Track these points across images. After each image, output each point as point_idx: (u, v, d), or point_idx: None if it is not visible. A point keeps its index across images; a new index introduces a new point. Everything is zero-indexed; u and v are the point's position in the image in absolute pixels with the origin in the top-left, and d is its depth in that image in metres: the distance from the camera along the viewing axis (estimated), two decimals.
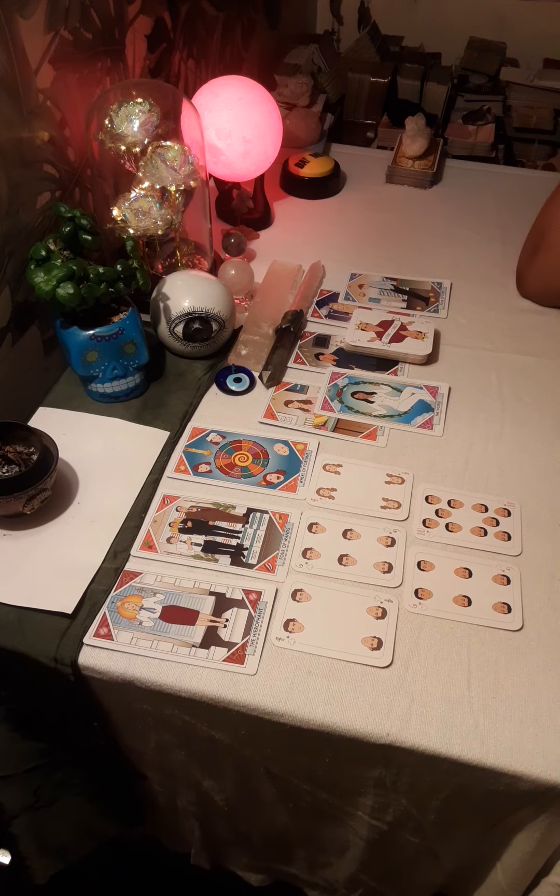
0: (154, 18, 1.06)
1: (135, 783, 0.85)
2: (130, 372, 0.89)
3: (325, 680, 0.67)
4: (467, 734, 0.64)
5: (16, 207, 0.84)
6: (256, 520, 0.79)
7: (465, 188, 1.31)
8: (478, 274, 1.13)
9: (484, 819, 0.72)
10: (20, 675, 0.71)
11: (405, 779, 0.69)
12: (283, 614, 0.72)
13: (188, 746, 0.75)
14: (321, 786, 0.75)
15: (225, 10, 1.31)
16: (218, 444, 0.87)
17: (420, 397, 0.93)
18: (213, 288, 0.92)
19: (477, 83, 1.70)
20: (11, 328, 0.89)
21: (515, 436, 0.89)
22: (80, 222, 0.83)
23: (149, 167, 0.90)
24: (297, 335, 1.00)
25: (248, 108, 1.03)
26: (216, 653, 0.69)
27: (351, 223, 1.23)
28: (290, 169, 1.27)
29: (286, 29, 1.68)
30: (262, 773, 0.75)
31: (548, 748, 0.63)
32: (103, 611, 0.71)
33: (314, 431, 0.89)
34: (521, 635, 0.71)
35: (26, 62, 0.80)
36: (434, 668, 0.68)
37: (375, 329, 1.00)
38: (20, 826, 0.84)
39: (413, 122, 1.31)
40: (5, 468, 0.77)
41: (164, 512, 0.80)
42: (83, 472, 0.83)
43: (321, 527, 0.79)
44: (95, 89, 0.94)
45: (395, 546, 0.77)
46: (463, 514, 0.80)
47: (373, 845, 0.80)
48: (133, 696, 0.70)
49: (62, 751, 0.80)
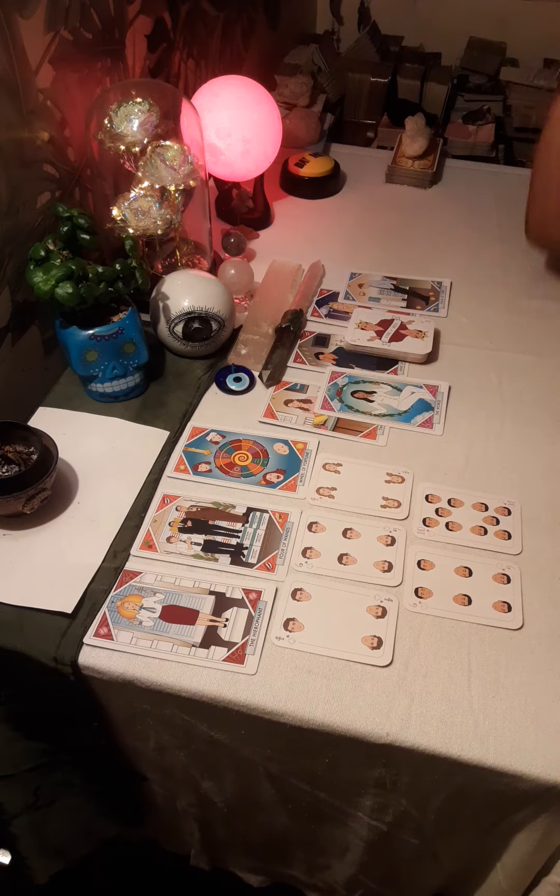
0: (154, 18, 1.06)
1: (134, 784, 0.85)
2: (130, 371, 0.89)
3: (325, 679, 0.67)
4: (467, 734, 0.64)
5: (16, 207, 0.84)
6: (256, 519, 0.79)
7: (465, 188, 1.31)
8: (478, 273, 1.13)
9: (484, 819, 0.71)
10: (20, 674, 0.71)
11: (405, 779, 0.69)
12: (283, 614, 0.72)
13: (188, 746, 0.75)
14: (321, 786, 0.74)
15: (225, 10, 1.31)
16: (218, 443, 0.87)
17: (420, 396, 0.93)
18: (212, 287, 0.92)
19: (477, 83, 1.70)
20: (11, 328, 0.89)
21: (516, 434, 0.89)
22: (78, 222, 0.83)
23: (148, 167, 0.90)
24: (296, 334, 1.00)
25: (248, 108, 1.03)
26: (216, 652, 0.68)
27: (351, 223, 1.23)
28: (289, 169, 1.27)
29: (286, 29, 1.68)
30: (261, 773, 0.75)
31: (548, 748, 0.63)
32: (103, 610, 0.71)
33: (314, 431, 0.89)
34: (521, 634, 0.71)
35: (26, 62, 0.80)
36: (434, 667, 0.68)
37: (375, 328, 0.99)
38: (20, 826, 0.83)
39: (413, 121, 1.31)
40: (5, 468, 0.77)
41: (164, 511, 0.80)
42: (83, 472, 0.83)
43: (321, 526, 0.79)
44: (95, 89, 0.94)
45: (395, 545, 0.77)
46: (463, 512, 0.80)
47: (372, 846, 0.80)
48: (133, 696, 0.70)
49: (62, 751, 0.80)
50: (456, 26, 1.74)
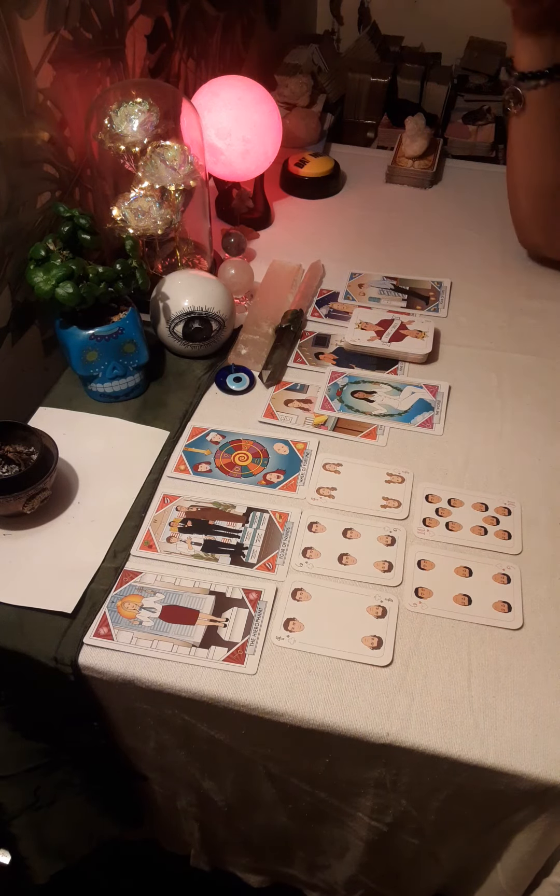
0: (154, 18, 1.06)
1: (135, 784, 0.85)
2: (130, 371, 0.89)
3: (325, 679, 0.67)
4: (467, 734, 0.64)
5: (16, 207, 0.84)
6: (256, 519, 0.79)
7: (465, 188, 1.31)
8: (478, 273, 1.13)
9: (484, 819, 0.71)
10: (20, 674, 0.71)
11: (405, 779, 0.69)
12: (283, 613, 0.72)
13: (188, 746, 0.75)
14: (321, 786, 0.74)
15: (225, 10, 1.31)
16: (218, 443, 0.87)
17: (420, 396, 0.93)
18: (212, 287, 0.92)
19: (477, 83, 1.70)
20: (11, 328, 0.89)
21: (516, 435, 0.89)
22: (79, 222, 0.83)
23: (148, 167, 0.90)
24: (296, 334, 1.00)
25: (248, 108, 1.03)
26: (216, 652, 0.68)
27: (351, 223, 1.23)
28: (289, 169, 1.27)
29: (286, 29, 1.68)
30: (261, 773, 0.75)
31: (548, 748, 0.63)
32: (103, 610, 0.71)
33: (314, 431, 0.89)
34: (521, 634, 0.71)
35: (26, 62, 0.80)
36: (434, 667, 0.68)
37: (375, 328, 0.99)
38: (20, 826, 0.83)
39: (413, 122, 1.31)
40: (5, 468, 0.77)
41: (164, 511, 0.80)
42: (83, 472, 0.83)
43: (321, 526, 0.79)
44: (95, 89, 0.94)
45: (395, 545, 0.77)
46: (463, 512, 0.80)
47: (372, 846, 0.80)
48: (133, 696, 0.70)
49: (62, 751, 0.80)
50: (456, 26, 1.74)
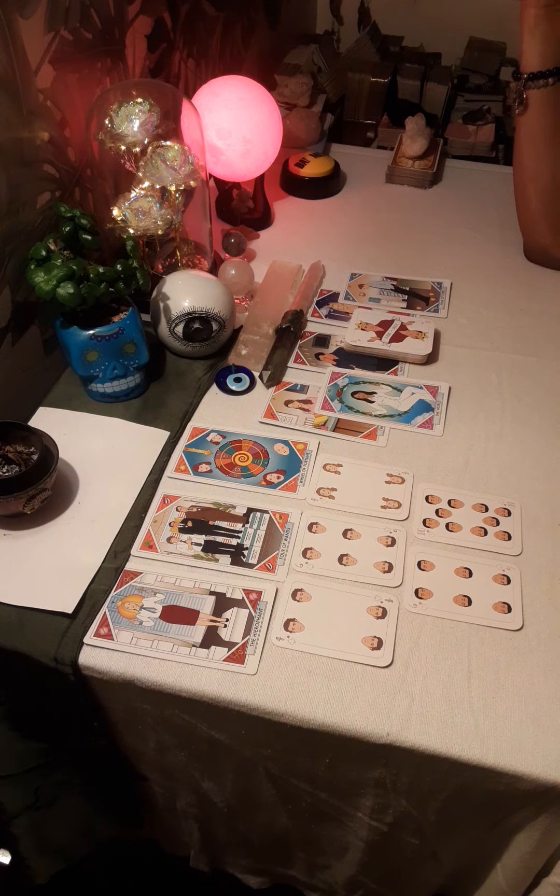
0: (154, 18, 1.06)
1: (135, 784, 0.85)
2: (130, 372, 0.89)
3: (325, 680, 0.67)
4: (467, 734, 0.64)
5: (16, 207, 0.84)
6: (256, 519, 0.79)
7: (465, 188, 1.31)
8: (478, 274, 1.13)
9: (484, 819, 0.72)
10: (20, 674, 0.71)
11: (405, 779, 0.69)
12: (284, 614, 0.72)
13: (188, 746, 0.75)
14: (321, 787, 0.74)
15: (225, 10, 1.31)
16: (218, 443, 0.87)
17: (420, 397, 0.93)
18: (213, 288, 0.92)
19: (477, 83, 1.70)
20: (11, 328, 0.88)
21: (516, 435, 0.89)
22: (80, 222, 0.83)
23: (149, 167, 0.90)
24: (297, 335, 1.00)
25: (248, 108, 1.03)
26: (216, 652, 0.69)
27: (351, 223, 1.23)
28: (290, 169, 1.27)
29: (286, 29, 1.68)
30: (261, 773, 0.75)
31: (548, 748, 0.63)
32: (103, 610, 0.71)
33: (314, 431, 0.89)
34: (521, 635, 0.71)
35: (26, 62, 0.80)
36: (434, 667, 0.68)
37: (375, 329, 1.00)
38: (20, 826, 0.84)
39: (413, 122, 1.31)
40: (5, 468, 0.77)
41: (165, 512, 0.80)
42: (83, 472, 0.83)
43: (321, 526, 0.79)
44: (95, 89, 0.94)
45: (395, 546, 0.77)
46: (463, 513, 0.80)
47: (372, 847, 0.80)
48: (133, 696, 0.70)
49: (62, 751, 0.80)
50: (456, 26, 1.74)
